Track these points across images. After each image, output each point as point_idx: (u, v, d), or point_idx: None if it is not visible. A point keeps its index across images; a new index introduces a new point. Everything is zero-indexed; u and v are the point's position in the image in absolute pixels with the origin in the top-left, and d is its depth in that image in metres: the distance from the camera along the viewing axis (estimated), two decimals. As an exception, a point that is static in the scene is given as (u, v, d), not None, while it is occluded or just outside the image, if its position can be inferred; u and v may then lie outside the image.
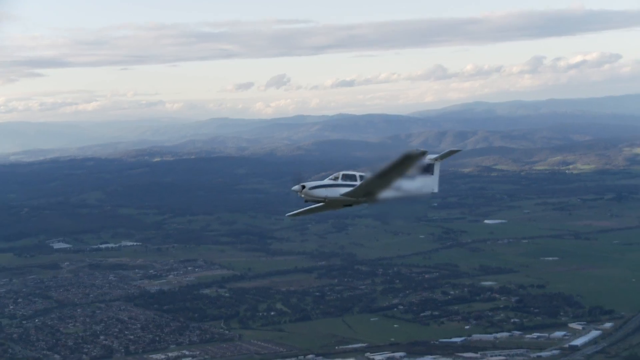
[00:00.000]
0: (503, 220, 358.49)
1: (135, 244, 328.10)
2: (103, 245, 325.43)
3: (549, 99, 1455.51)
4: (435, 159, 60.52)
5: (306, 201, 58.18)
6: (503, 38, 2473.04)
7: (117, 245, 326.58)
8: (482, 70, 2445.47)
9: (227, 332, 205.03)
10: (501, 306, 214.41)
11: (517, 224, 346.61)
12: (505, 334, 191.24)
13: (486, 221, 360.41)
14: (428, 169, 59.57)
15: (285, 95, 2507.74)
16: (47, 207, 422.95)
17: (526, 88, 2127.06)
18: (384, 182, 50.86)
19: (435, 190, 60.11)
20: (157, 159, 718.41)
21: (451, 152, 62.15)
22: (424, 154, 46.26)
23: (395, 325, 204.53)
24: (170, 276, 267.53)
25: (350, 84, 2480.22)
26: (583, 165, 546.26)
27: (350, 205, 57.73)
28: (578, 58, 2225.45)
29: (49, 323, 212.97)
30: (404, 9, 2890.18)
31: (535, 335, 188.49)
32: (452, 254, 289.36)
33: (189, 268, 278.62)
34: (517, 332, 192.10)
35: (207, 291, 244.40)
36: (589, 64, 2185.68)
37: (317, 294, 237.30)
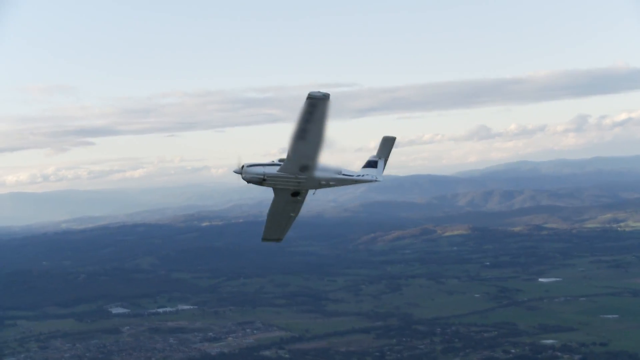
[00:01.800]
0: (558, 279, 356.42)
1: (191, 307, 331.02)
2: (161, 310, 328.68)
3: (594, 156, 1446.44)
4: (379, 157, 61.89)
5: (248, 181, 55.52)
6: (547, 97, 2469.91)
7: (174, 309, 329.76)
8: (525, 130, 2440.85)
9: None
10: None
11: (572, 282, 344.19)
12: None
13: (540, 279, 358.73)
14: (372, 165, 61.43)
15: (328, 159, 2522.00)
16: (103, 272, 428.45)
17: (570, 146, 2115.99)
18: (305, 142, 48.06)
19: (379, 179, 61.26)
20: (205, 224, 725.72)
21: (387, 141, 62.47)
22: (326, 95, 44.58)
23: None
24: (230, 338, 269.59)
25: (394, 145, 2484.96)
26: (635, 222, 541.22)
27: (298, 193, 55.44)
28: (623, 115, 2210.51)
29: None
30: (446, 69, 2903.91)
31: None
32: (509, 313, 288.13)
33: (247, 330, 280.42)
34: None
35: (267, 353, 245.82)
36: (634, 121, 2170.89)
37: (377, 354, 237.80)
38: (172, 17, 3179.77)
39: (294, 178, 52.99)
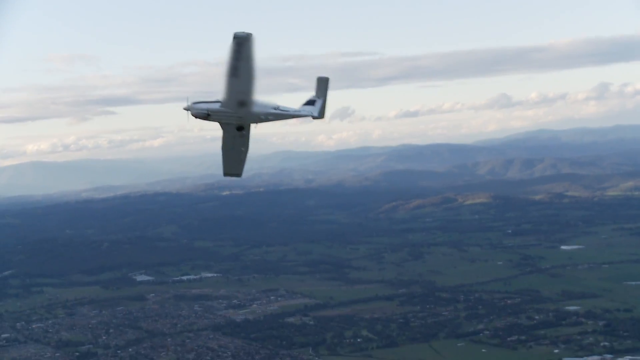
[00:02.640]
0: (580, 246, 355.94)
1: (215, 275, 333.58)
2: (184, 277, 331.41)
3: (615, 125, 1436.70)
4: (318, 97, 62.41)
5: (195, 117, 56.31)
6: (568, 65, 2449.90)
7: (197, 276, 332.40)
8: (546, 98, 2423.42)
9: (316, 358, 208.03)
10: (589, 330, 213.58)
11: (595, 250, 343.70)
12: (596, 357, 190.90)
13: (563, 247, 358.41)
14: (311, 103, 62.14)
15: (347, 127, 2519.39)
16: (126, 241, 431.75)
17: (591, 115, 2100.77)
18: (240, 79, 50.65)
19: (315, 114, 61.67)
20: (226, 193, 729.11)
21: (321, 82, 62.65)
22: (249, 34, 47.24)
23: (483, 350, 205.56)
24: (254, 305, 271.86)
25: (414, 114, 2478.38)
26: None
27: (242, 128, 57.26)
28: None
29: (142, 352, 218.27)
30: (468, 38, 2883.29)
31: (627, 358, 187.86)
32: (532, 280, 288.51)
33: (271, 297, 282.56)
34: (608, 356, 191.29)
35: (291, 319, 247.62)
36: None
37: (401, 320, 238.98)
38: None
39: (234, 113, 55.01)
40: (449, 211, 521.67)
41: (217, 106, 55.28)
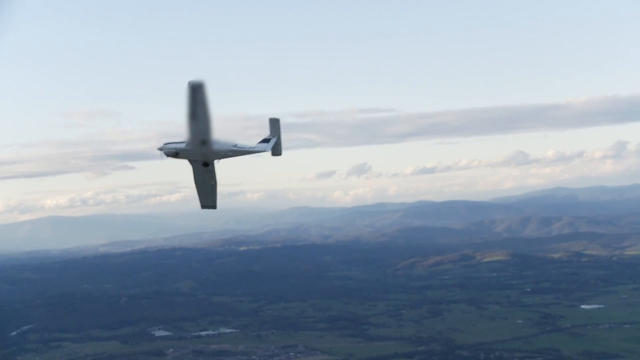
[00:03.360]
0: (600, 306, 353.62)
1: (233, 330, 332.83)
2: (203, 333, 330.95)
3: (632, 183, 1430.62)
4: (272, 136, 70.37)
5: (167, 156, 64.92)
6: (585, 123, 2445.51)
7: (216, 332, 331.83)
8: (563, 156, 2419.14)
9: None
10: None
11: (616, 309, 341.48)
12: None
13: (583, 306, 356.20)
14: (266, 141, 70.08)
15: (364, 184, 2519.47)
16: (144, 296, 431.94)
17: (608, 173, 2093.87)
18: (199, 121, 57.11)
19: (267, 150, 69.60)
20: (243, 248, 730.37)
21: (273, 122, 70.74)
22: (201, 82, 53.74)
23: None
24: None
25: (430, 171, 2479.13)
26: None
27: (207, 164, 64.80)
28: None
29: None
30: (485, 95, 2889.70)
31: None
32: (552, 339, 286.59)
33: (290, 354, 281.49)
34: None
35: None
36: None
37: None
38: (210, 43, 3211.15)
39: (197, 151, 62.34)
40: (467, 268, 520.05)
41: (183, 146, 63.08)
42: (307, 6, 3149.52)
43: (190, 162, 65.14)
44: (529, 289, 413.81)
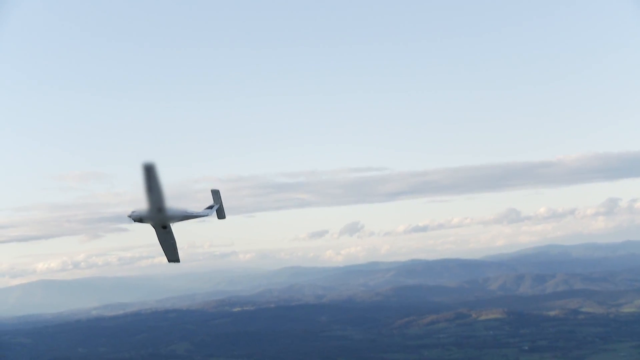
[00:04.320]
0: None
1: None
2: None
3: (625, 240, 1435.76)
4: (215, 204, 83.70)
5: (134, 221, 76.25)
6: (577, 180, 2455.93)
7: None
8: (555, 213, 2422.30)
9: None
10: None
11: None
12: None
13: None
14: (210, 207, 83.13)
15: (355, 243, 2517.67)
16: (139, 358, 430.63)
17: (601, 230, 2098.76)
18: (153, 194, 69.17)
19: (210, 214, 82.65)
20: (237, 309, 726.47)
21: (214, 193, 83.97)
22: (153, 163, 65.34)
23: None
24: None
25: (423, 229, 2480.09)
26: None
27: (165, 227, 77.37)
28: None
29: None
30: (476, 153, 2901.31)
31: None
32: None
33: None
34: None
35: None
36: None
37: None
38: (201, 102, 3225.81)
39: (155, 216, 73.95)
40: (463, 327, 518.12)
41: (144, 214, 74.32)
42: (297, 65, 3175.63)
43: (152, 225, 77.21)
44: (526, 347, 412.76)
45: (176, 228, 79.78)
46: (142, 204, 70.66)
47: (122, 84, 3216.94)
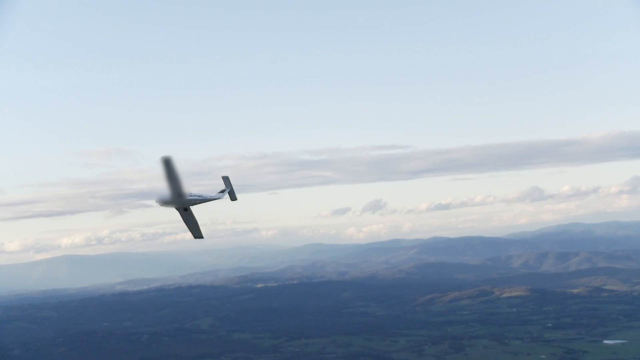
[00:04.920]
0: (624, 341, 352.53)
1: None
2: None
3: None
4: (226, 188, 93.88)
5: (161, 206, 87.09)
6: (601, 159, 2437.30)
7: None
8: (579, 192, 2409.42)
9: None
10: None
11: (639, 344, 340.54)
12: None
13: (606, 341, 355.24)
14: (222, 192, 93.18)
15: (377, 220, 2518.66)
16: (165, 333, 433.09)
17: (624, 208, 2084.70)
18: (173, 183, 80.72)
19: (222, 197, 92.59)
20: (260, 285, 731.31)
21: (225, 179, 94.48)
22: (169, 157, 76.38)
23: None
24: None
25: (446, 207, 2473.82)
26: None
27: (185, 209, 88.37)
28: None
29: None
30: (500, 131, 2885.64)
31: None
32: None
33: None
34: None
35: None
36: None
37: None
38: (227, 81, 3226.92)
39: (177, 201, 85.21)
40: (486, 304, 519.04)
41: (168, 199, 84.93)
42: (321, 44, 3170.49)
43: (175, 208, 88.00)
44: (550, 325, 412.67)
45: (198, 208, 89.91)
46: (164, 183, 79.51)
47: (147, 63, 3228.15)
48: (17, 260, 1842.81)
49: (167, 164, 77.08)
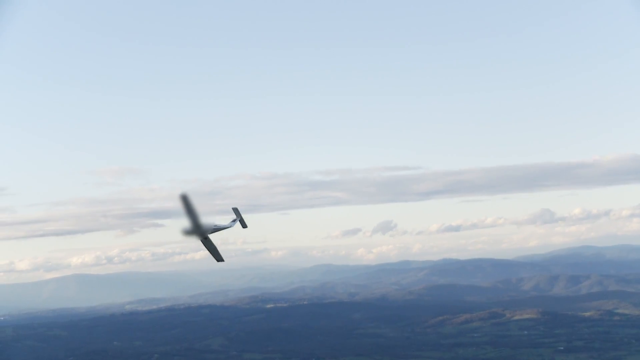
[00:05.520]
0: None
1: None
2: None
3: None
4: (236, 217, 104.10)
5: (185, 236, 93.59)
6: (613, 182, 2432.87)
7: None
8: (590, 214, 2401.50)
9: None
10: None
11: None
12: None
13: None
14: (234, 221, 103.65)
15: (387, 241, 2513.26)
16: (175, 353, 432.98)
17: (635, 232, 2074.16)
18: (192, 217, 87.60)
19: (232, 225, 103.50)
20: (270, 305, 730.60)
21: (235, 210, 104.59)
22: (186, 194, 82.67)
23: None
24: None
25: (456, 229, 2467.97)
26: None
27: (205, 237, 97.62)
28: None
29: None
30: (512, 153, 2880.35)
31: None
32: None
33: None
34: None
35: None
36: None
37: None
38: (237, 99, 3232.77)
39: (196, 232, 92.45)
40: (498, 326, 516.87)
41: (189, 230, 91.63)
42: (334, 64, 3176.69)
43: (197, 238, 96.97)
44: (562, 348, 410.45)
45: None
46: (176, 202, 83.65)
47: (158, 82, 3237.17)
48: (26, 279, 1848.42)
49: (185, 200, 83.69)
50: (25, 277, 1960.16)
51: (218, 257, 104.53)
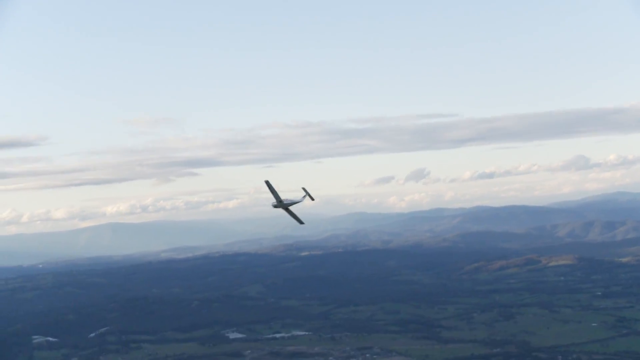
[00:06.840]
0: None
1: (306, 333, 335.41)
2: (277, 335, 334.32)
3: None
4: (305, 194, 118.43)
5: (274, 207, 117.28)
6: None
7: (289, 334, 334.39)
8: (625, 160, 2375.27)
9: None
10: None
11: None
12: None
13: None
14: (304, 196, 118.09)
15: (420, 189, 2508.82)
16: (214, 299, 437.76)
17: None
18: (275, 196, 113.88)
19: (300, 201, 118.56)
20: (305, 253, 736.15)
21: (305, 190, 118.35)
22: (267, 181, 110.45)
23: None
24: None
25: (490, 176, 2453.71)
26: None
27: (287, 209, 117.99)
28: None
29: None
30: (546, 99, 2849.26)
31: None
32: (630, 342, 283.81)
33: (367, 355, 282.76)
34: None
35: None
36: None
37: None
38: (271, 50, 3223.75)
39: (281, 205, 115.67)
40: (534, 272, 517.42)
41: (276, 203, 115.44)
42: (368, 14, 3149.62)
43: (283, 208, 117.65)
44: (599, 293, 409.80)
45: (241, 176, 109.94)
46: (210, 150, 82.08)
47: (193, 31, 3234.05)
48: (62, 228, 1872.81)
49: (269, 184, 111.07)
50: (62, 225, 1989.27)
51: (299, 221, 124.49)
